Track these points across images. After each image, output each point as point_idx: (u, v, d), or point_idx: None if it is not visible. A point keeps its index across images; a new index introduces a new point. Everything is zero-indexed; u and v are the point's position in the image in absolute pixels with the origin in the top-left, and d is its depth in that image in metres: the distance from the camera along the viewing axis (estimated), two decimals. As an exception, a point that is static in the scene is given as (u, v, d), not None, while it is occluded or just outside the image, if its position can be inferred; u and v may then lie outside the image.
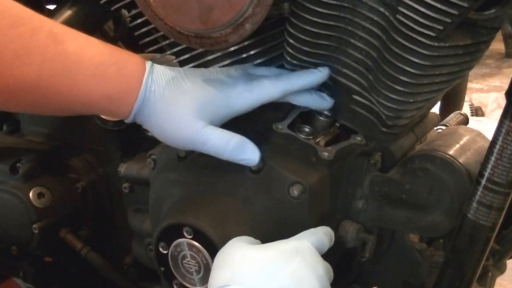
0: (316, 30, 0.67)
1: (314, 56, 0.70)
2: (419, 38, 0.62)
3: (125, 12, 0.84)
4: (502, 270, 0.81)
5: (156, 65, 0.69)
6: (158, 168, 0.79)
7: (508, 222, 0.73)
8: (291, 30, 0.68)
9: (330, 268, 0.64)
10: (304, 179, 0.68)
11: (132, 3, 0.74)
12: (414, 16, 0.61)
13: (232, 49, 0.73)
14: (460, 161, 0.71)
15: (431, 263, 0.75)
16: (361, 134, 0.74)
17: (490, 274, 0.79)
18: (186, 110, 0.67)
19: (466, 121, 1.04)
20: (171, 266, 0.74)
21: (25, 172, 1.01)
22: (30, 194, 0.99)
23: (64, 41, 0.64)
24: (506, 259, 0.80)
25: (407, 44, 0.63)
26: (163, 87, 0.67)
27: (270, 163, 0.70)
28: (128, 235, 0.95)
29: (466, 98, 2.20)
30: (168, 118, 0.67)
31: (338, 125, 0.75)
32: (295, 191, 0.68)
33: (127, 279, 1.03)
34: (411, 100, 0.68)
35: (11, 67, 0.61)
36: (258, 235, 0.67)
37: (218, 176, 0.73)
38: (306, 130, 0.74)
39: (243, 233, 0.68)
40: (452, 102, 1.30)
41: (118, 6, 0.81)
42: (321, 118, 0.74)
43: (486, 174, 0.65)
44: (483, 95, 3.32)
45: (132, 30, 0.80)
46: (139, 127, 0.71)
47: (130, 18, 0.80)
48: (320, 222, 0.71)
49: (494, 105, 3.11)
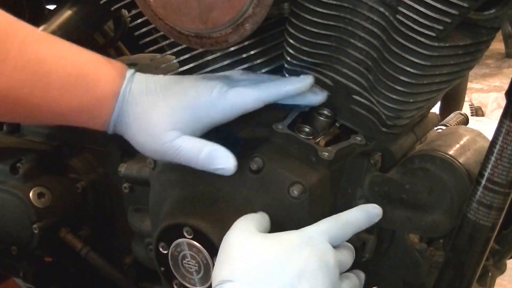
0: (316, 30, 0.67)
1: (314, 56, 0.70)
2: (419, 38, 0.62)
3: (125, 12, 0.84)
4: (502, 270, 0.81)
5: (138, 74, 0.68)
6: (158, 168, 0.78)
7: (508, 222, 0.73)
8: (291, 30, 0.69)
9: (344, 259, 0.64)
10: (304, 179, 0.68)
11: (132, 3, 0.74)
12: (414, 16, 0.61)
13: (232, 49, 0.73)
14: (460, 161, 0.71)
15: (431, 263, 0.75)
16: (361, 134, 0.74)
17: (490, 274, 0.79)
18: (158, 121, 0.66)
19: (466, 121, 1.04)
20: (171, 266, 0.74)
21: (25, 172, 1.01)
22: (30, 194, 0.99)
23: (37, 49, 0.63)
24: (506, 259, 0.80)
25: (407, 44, 0.63)
26: (138, 98, 0.67)
27: (270, 163, 0.70)
28: (128, 235, 0.95)
29: (466, 98, 2.20)
30: (142, 129, 0.67)
31: (338, 125, 0.75)
32: (295, 191, 0.68)
33: (127, 279, 1.03)
34: (411, 100, 0.68)
35: None
36: (258, 235, 0.67)
37: (218, 176, 0.73)
38: (306, 130, 0.74)
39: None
40: (452, 102, 1.30)
41: (118, 6, 0.81)
42: (321, 118, 0.74)
43: (486, 174, 0.65)
44: (483, 95, 3.32)
45: (132, 30, 0.80)
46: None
47: (130, 18, 0.80)
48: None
49: (494, 105, 3.12)
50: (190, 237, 0.71)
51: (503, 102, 0.65)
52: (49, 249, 1.05)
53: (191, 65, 0.76)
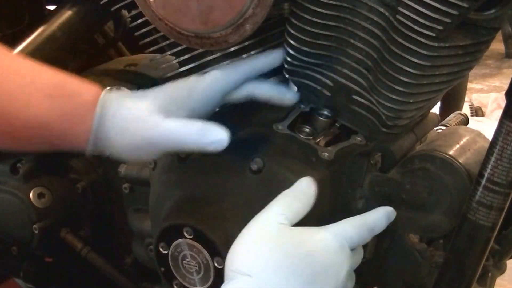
0: (316, 31, 0.67)
1: (314, 56, 0.70)
2: (419, 39, 0.62)
3: (125, 12, 0.84)
4: (502, 270, 0.81)
5: (114, 89, 0.68)
6: (159, 168, 0.79)
7: (508, 222, 0.73)
8: (291, 31, 0.69)
9: (355, 262, 0.64)
10: (304, 179, 0.68)
11: (132, 4, 0.74)
12: (414, 16, 0.61)
13: (232, 49, 0.73)
14: (460, 161, 0.71)
15: (431, 263, 0.75)
16: (361, 134, 0.74)
17: (490, 274, 0.79)
18: (141, 112, 0.65)
19: (466, 121, 1.04)
20: (171, 266, 0.74)
21: (25, 172, 1.01)
22: (31, 195, 0.99)
23: (16, 64, 0.64)
24: (506, 259, 0.80)
25: (407, 44, 0.63)
26: (120, 101, 0.66)
27: (270, 164, 0.70)
28: (128, 236, 0.95)
29: (466, 99, 2.20)
30: (126, 125, 0.65)
31: (338, 125, 0.75)
32: (295, 191, 0.68)
33: (128, 279, 1.03)
34: (411, 100, 0.68)
35: None
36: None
37: (218, 176, 0.73)
38: (306, 130, 0.74)
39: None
40: (452, 102, 1.30)
41: (118, 6, 0.81)
42: (321, 118, 0.74)
43: (486, 174, 0.65)
44: (483, 96, 3.32)
45: (132, 30, 0.80)
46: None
47: (130, 19, 0.80)
48: (320, 222, 0.71)
49: (494, 105, 3.11)
50: (190, 237, 0.71)
51: (503, 102, 0.65)
52: (49, 249, 1.05)
53: (191, 65, 0.76)
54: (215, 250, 0.69)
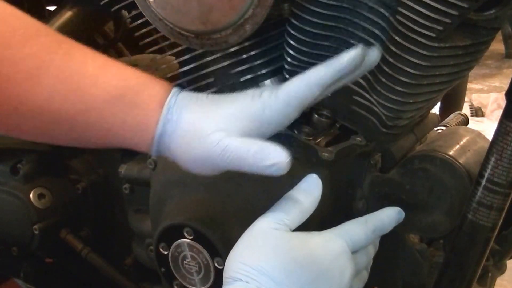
0: (316, 31, 0.67)
1: (314, 56, 0.70)
2: (419, 39, 0.62)
3: (125, 13, 0.84)
4: (502, 270, 0.81)
5: (182, 91, 0.63)
6: (159, 169, 0.79)
7: (508, 223, 0.73)
8: (291, 31, 0.69)
9: (360, 263, 0.64)
10: (304, 180, 0.68)
11: (132, 4, 0.74)
12: (414, 16, 0.61)
13: (232, 50, 0.73)
14: (460, 161, 0.71)
15: (431, 264, 0.75)
16: (361, 134, 0.74)
17: (490, 274, 0.79)
18: (206, 125, 0.61)
19: (466, 121, 1.04)
20: (172, 266, 0.74)
21: (25, 173, 1.01)
22: (31, 195, 0.99)
23: (81, 62, 0.60)
24: (506, 260, 0.80)
25: (407, 44, 0.63)
26: (187, 106, 0.62)
27: (270, 164, 0.70)
28: (128, 236, 0.96)
29: (466, 99, 2.20)
30: (189, 136, 0.61)
31: (338, 125, 0.75)
32: (296, 192, 0.68)
33: (128, 280, 1.03)
34: (411, 100, 0.68)
35: (21, 89, 0.57)
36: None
37: (219, 176, 0.73)
38: (306, 130, 0.74)
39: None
40: (452, 102, 1.30)
41: (118, 7, 0.81)
42: (321, 118, 0.74)
43: (486, 175, 0.65)
44: (483, 96, 3.32)
45: (132, 31, 0.80)
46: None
47: (130, 19, 0.80)
48: (320, 222, 0.71)
49: (494, 105, 3.11)
50: (191, 237, 0.71)
51: (503, 102, 0.65)
52: (49, 249, 1.05)
53: (191, 65, 0.76)
54: (216, 251, 0.69)
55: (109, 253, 1.05)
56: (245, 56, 0.73)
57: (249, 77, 0.73)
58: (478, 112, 3.18)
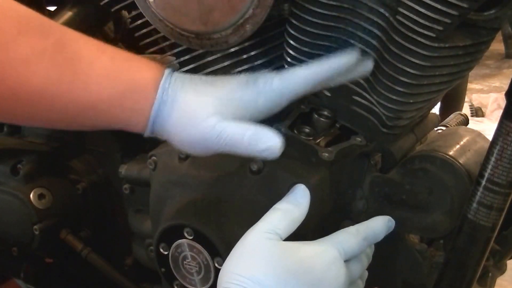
0: (316, 31, 0.67)
1: (314, 57, 0.70)
2: (419, 39, 0.62)
3: (125, 13, 0.84)
4: (502, 270, 0.81)
5: (175, 72, 0.65)
6: (159, 169, 0.79)
7: (508, 223, 0.73)
8: (291, 31, 0.69)
9: (354, 271, 0.64)
10: (304, 180, 0.68)
11: (132, 4, 0.74)
12: (414, 16, 0.61)
13: (232, 50, 0.73)
14: (460, 161, 0.71)
15: (431, 264, 0.75)
16: (361, 134, 0.74)
17: (490, 274, 0.79)
18: (201, 108, 0.63)
19: (466, 121, 1.04)
20: (172, 267, 0.74)
21: (25, 173, 1.01)
22: (31, 195, 0.99)
23: (75, 47, 0.61)
24: (506, 260, 0.80)
25: (407, 44, 0.63)
26: (180, 90, 0.64)
27: (270, 164, 0.70)
28: (128, 236, 0.96)
29: (466, 99, 2.20)
30: (183, 119, 0.63)
31: (338, 125, 0.75)
32: (296, 192, 0.68)
33: (128, 280, 1.03)
34: (411, 100, 0.68)
35: (18, 73, 0.58)
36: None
37: (219, 177, 0.73)
38: (306, 131, 0.74)
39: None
40: (452, 102, 1.31)
41: (118, 7, 0.81)
42: (321, 119, 0.74)
43: (486, 175, 0.65)
44: (483, 96, 3.32)
45: (132, 31, 0.80)
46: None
47: (130, 19, 0.80)
48: (320, 222, 0.71)
49: (494, 105, 3.12)
50: (191, 238, 0.71)
51: (503, 102, 0.65)
52: (49, 250, 1.05)
53: (192, 66, 0.76)
54: (216, 251, 0.69)
55: (109, 253, 1.05)
56: (245, 56, 0.73)
57: (249, 77, 0.73)
58: (478, 112, 3.18)
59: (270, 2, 0.63)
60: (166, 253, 0.74)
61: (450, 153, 0.72)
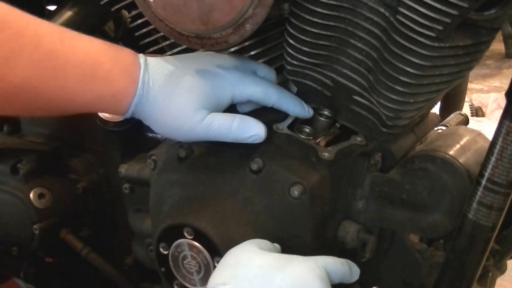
0: (316, 31, 0.67)
1: (314, 56, 0.70)
2: (419, 39, 0.62)
3: (125, 12, 0.84)
4: (502, 270, 0.81)
5: (149, 58, 0.68)
6: (159, 168, 0.79)
7: (508, 223, 0.73)
8: (291, 31, 0.69)
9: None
10: (304, 180, 0.68)
11: (132, 4, 0.74)
12: (414, 16, 0.61)
13: (232, 49, 0.73)
14: (460, 161, 0.71)
15: (431, 264, 0.75)
16: (361, 134, 0.74)
17: (490, 274, 0.79)
18: (186, 102, 0.67)
19: (466, 121, 1.04)
20: (172, 266, 0.74)
21: (25, 172, 1.01)
22: (31, 195, 0.99)
23: (51, 42, 0.63)
24: (507, 260, 0.80)
25: (407, 44, 0.63)
26: (161, 81, 0.67)
27: (270, 164, 0.70)
28: (128, 236, 0.95)
29: (466, 99, 2.20)
30: (168, 111, 0.67)
31: (338, 125, 0.75)
32: (296, 192, 0.68)
33: (128, 280, 1.03)
34: (411, 100, 0.68)
35: None
36: (259, 235, 0.67)
37: (219, 176, 0.73)
38: (306, 130, 0.74)
39: (244, 233, 0.68)
40: (452, 102, 1.31)
41: (118, 6, 0.81)
42: (321, 118, 0.74)
43: (486, 175, 0.65)
44: (483, 96, 3.32)
45: (132, 30, 0.80)
46: (140, 128, 0.71)
47: (130, 19, 0.80)
48: (320, 222, 0.71)
49: (494, 105, 3.11)
50: (191, 237, 0.71)
51: (503, 102, 0.65)
52: (49, 249, 1.05)
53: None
54: (216, 250, 0.69)
55: (109, 253, 1.05)
56: (245, 56, 0.73)
57: (249, 77, 0.73)
58: (478, 112, 3.18)
59: (270, 1, 0.63)
60: (166, 252, 0.74)
61: (450, 152, 0.72)
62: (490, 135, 0.67)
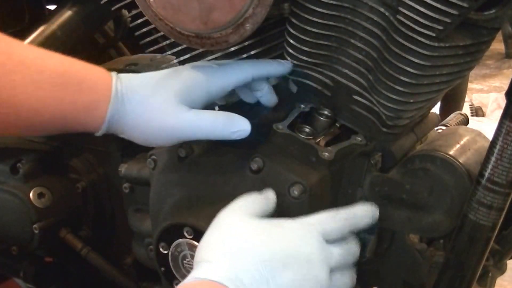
0: (316, 30, 0.67)
1: (314, 56, 0.70)
2: (419, 38, 0.62)
3: (125, 12, 0.84)
4: (502, 270, 0.81)
5: (121, 74, 0.69)
6: (159, 168, 0.79)
7: (508, 222, 0.73)
8: (291, 30, 0.69)
9: (336, 254, 0.63)
10: (304, 179, 0.68)
11: (132, 3, 0.74)
12: (414, 16, 0.61)
13: (232, 49, 0.73)
14: (460, 161, 0.71)
15: (431, 263, 0.75)
16: (361, 134, 0.74)
17: (490, 274, 0.79)
18: (166, 99, 0.66)
19: (466, 121, 1.04)
20: (172, 266, 0.74)
21: (25, 172, 1.01)
22: (31, 194, 0.99)
23: (23, 54, 0.64)
24: (506, 260, 0.80)
25: (407, 44, 0.63)
26: (135, 85, 0.67)
27: (270, 163, 0.70)
28: (128, 235, 0.95)
29: (467, 99, 2.20)
30: (149, 113, 0.67)
31: (338, 125, 0.75)
32: (296, 191, 0.68)
33: (128, 279, 1.03)
34: (411, 100, 0.68)
35: None
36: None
37: (219, 176, 0.73)
38: (306, 130, 0.74)
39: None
40: (452, 102, 1.31)
41: (118, 6, 0.81)
42: (321, 118, 0.74)
43: (486, 174, 0.65)
44: (483, 96, 3.32)
45: (132, 30, 0.80)
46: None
47: (130, 18, 0.80)
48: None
49: (494, 105, 3.12)
50: (191, 237, 0.71)
51: (503, 102, 0.65)
52: (49, 249, 1.05)
53: (192, 65, 0.76)
54: (215, 250, 0.69)
55: (109, 253, 1.05)
56: (245, 55, 0.73)
57: (249, 76, 0.73)
58: (478, 112, 3.18)
59: (270, 1, 0.63)
60: (165, 252, 0.74)
61: (450, 152, 0.72)
62: (490, 135, 0.67)
